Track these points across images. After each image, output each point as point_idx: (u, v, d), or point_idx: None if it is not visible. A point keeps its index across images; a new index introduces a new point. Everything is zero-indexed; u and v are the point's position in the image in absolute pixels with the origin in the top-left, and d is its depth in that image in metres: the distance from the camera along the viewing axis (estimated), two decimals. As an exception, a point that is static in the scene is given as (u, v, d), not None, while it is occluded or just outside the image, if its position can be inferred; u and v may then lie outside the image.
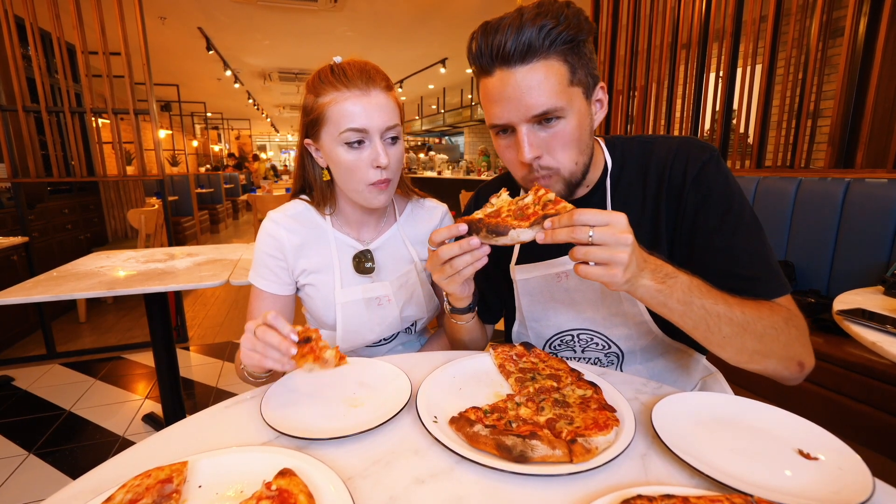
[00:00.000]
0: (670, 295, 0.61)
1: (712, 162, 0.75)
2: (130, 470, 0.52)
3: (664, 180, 0.77)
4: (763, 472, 0.51)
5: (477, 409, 0.62)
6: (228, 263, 1.74)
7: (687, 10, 2.76)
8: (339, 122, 0.83)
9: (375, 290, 0.96)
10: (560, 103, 0.68)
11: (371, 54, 6.86)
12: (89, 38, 2.73)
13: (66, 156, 3.64)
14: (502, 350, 0.81)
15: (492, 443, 0.54)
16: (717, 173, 0.74)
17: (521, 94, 0.68)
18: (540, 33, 0.66)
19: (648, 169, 0.80)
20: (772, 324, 0.65)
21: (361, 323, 0.97)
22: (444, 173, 9.91)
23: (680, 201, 0.76)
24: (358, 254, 0.97)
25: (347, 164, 0.85)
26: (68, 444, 2.01)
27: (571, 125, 0.71)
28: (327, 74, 0.86)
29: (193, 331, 3.37)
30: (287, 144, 26.56)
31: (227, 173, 10.24)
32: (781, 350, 0.67)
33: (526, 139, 0.71)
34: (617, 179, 0.82)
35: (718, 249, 0.73)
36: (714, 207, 0.73)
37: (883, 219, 1.81)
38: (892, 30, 2.00)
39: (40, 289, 1.43)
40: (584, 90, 0.72)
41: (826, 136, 2.26)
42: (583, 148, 0.74)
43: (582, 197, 0.84)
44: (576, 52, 0.69)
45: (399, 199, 1.06)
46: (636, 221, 0.78)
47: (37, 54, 2.64)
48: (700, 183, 0.74)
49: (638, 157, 0.82)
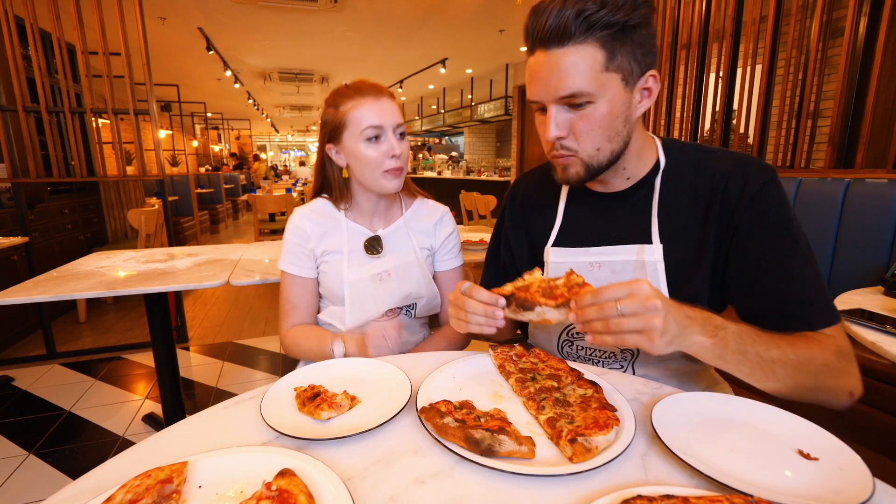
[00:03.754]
0: (725, 347, 0.61)
1: (773, 183, 0.74)
2: (130, 470, 0.52)
3: (718, 192, 0.76)
4: (763, 472, 0.51)
5: (448, 402, 0.64)
6: (228, 263, 1.74)
7: (687, 10, 2.76)
8: (360, 123, 1.00)
9: (378, 266, 1.10)
10: (590, 88, 0.68)
11: (371, 54, 6.86)
12: (89, 38, 2.73)
13: (66, 156, 3.64)
14: (502, 350, 0.81)
15: (460, 435, 0.56)
16: (776, 195, 0.74)
17: (552, 75, 0.69)
18: (578, 18, 0.66)
19: (704, 177, 0.78)
20: (824, 361, 0.65)
21: (366, 296, 1.09)
22: (444, 173, 9.92)
23: (733, 217, 0.74)
24: (369, 238, 1.12)
25: (368, 157, 1.02)
26: (68, 444, 2.01)
27: (601, 111, 0.71)
28: (344, 90, 1.04)
29: (193, 331, 3.37)
30: (287, 144, 26.55)
31: (226, 173, 10.23)
32: (833, 384, 0.66)
33: (553, 119, 0.72)
34: (668, 180, 0.81)
35: (772, 271, 0.71)
36: (771, 229, 0.72)
37: (883, 219, 1.81)
38: (892, 30, 2.00)
39: (40, 289, 1.43)
40: (624, 77, 0.70)
41: (826, 136, 2.25)
42: (612, 135, 0.74)
43: (624, 190, 0.83)
44: (619, 38, 0.68)
45: (406, 197, 1.21)
46: (683, 224, 0.78)
47: (37, 54, 2.64)
48: (758, 203, 0.73)
49: (694, 162, 0.81)
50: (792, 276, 0.70)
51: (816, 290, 0.70)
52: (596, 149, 0.74)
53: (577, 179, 0.78)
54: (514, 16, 5.11)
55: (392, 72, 8.26)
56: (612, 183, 0.84)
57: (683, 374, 0.86)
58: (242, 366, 2.79)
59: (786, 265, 0.70)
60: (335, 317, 1.12)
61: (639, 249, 0.79)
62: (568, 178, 0.78)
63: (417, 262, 1.13)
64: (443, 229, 1.18)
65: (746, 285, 0.72)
